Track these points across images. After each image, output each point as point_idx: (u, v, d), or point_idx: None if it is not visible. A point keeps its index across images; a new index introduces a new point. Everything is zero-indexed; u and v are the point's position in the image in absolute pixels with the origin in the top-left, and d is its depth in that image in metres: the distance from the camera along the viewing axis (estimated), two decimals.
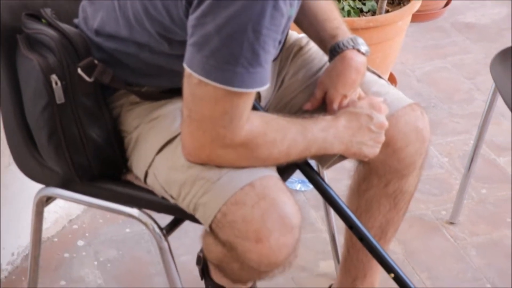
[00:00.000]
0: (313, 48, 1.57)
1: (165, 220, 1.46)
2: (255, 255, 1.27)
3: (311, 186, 1.91)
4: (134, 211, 1.43)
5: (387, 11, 2.52)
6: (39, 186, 1.53)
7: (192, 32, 1.23)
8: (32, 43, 1.38)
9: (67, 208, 2.08)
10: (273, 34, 1.22)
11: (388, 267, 1.49)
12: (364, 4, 2.60)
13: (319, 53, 1.55)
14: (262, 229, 1.26)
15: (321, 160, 1.55)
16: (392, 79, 2.71)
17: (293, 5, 1.26)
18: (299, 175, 1.49)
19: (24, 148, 1.47)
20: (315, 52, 1.57)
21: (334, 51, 1.46)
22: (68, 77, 1.35)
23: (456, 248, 2.05)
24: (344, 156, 1.47)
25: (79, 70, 1.35)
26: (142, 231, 2.03)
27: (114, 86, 1.40)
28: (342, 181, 1.71)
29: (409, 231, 2.09)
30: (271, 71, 1.28)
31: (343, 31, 1.48)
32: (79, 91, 1.36)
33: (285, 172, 1.42)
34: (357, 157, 1.44)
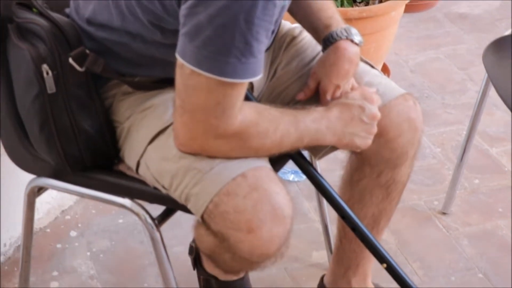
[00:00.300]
0: (306, 38, 1.57)
1: (157, 211, 1.46)
2: (247, 245, 1.27)
3: (304, 177, 1.91)
4: (126, 201, 1.43)
5: (380, 2, 2.51)
6: (31, 177, 1.52)
7: (184, 21, 1.22)
8: (23, 33, 1.37)
9: (60, 198, 2.08)
10: (265, 24, 1.21)
11: (380, 257, 1.50)
12: None
13: (312, 43, 1.55)
14: (254, 219, 1.26)
15: (314, 150, 1.55)
16: (386, 70, 2.71)
17: None
18: (292, 166, 1.49)
19: (15, 138, 1.46)
20: (308, 42, 1.56)
21: (327, 41, 1.46)
22: (60, 67, 1.34)
23: (448, 238, 2.05)
24: (336, 147, 1.47)
25: (70, 60, 1.34)
26: (135, 222, 2.02)
27: (106, 76, 1.39)
28: (335, 171, 1.71)
29: (402, 221, 2.09)
30: (263, 61, 1.27)
31: (337, 21, 1.47)
32: (70, 81, 1.35)
33: (277, 162, 1.42)
34: (349, 148, 1.44)
